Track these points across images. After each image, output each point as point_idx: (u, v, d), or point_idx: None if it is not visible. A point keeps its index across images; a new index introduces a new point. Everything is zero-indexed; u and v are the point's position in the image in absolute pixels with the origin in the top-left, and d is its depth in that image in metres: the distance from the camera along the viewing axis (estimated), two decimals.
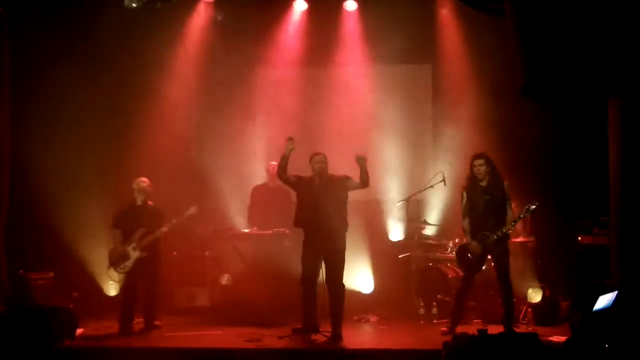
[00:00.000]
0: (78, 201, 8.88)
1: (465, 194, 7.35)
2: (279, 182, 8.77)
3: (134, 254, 7.68)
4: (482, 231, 7.15)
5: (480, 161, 7.26)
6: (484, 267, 7.39)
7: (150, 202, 7.95)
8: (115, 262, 7.73)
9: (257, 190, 9.06)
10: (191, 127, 9.63)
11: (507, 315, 7.17)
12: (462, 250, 7.34)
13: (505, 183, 7.28)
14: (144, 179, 7.94)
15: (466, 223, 7.30)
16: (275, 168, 8.81)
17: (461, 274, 7.87)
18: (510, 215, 7.17)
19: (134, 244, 7.70)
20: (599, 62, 5.17)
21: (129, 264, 7.69)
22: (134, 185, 7.90)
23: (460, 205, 7.41)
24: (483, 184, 7.27)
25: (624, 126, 5.64)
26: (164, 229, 7.77)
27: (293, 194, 7.69)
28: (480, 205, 7.22)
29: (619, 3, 5.12)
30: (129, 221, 7.80)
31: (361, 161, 7.07)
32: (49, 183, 8.71)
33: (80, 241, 8.90)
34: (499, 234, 7.12)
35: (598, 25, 5.12)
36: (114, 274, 7.78)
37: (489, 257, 7.29)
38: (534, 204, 7.11)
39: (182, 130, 9.59)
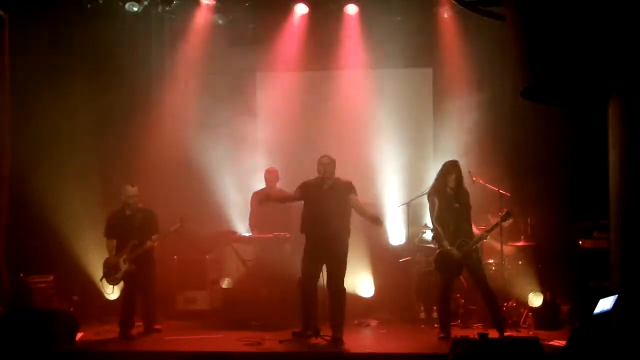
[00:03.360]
0: (78, 204, 8.86)
1: (436, 200, 7.36)
2: (277, 187, 8.81)
3: (124, 267, 7.66)
4: (458, 237, 7.21)
5: (454, 169, 7.32)
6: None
7: (141, 205, 7.89)
8: (107, 273, 7.74)
9: (257, 196, 9.05)
10: (191, 131, 9.62)
11: (497, 319, 7.21)
12: (442, 256, 7.33)
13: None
14: (134, 186, 7.85)
15: (441, 229, 7.31)
16: (273, 173, 8.84)
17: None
18: (471, 223, 7.41)
19: (124, 256, 7.68)
20: (600, 64, 5.16)
21: (118, 276, 7.68)
22: (123, 195, 7.83)
23: (431, 211, 7.42)
24: (452, 192, 7.31)
25: (623, 128, 5.64)
26: (151, 243, 7.74)
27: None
28: (451, 212, 7.29)
29: (620, 3, 5.12)
30: (121, 231, 7.79)
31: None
32: (50, 186, 8.70)
33: (80, 245, 8.87)
34: (477, 241, 7.26)
35: (599, 26, 5.12)
36: (107, 285, 7.79)
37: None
38: (507, 212, 7.39)
39: (182, 134, 9.58)
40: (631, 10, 5.09)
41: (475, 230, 7.57)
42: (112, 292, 7.93)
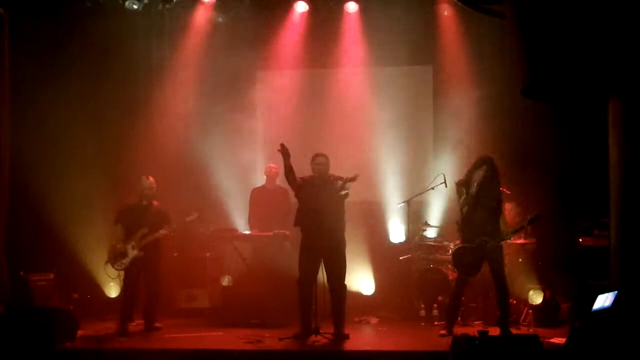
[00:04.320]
0: (79, 202, 8.87)
1: (464, 190, 7.25)
2: (277, 184, 8.82)
3: (132, 253, 7.68)
4: (479, 235, 7.15)
5: (486, 166, 7.22)
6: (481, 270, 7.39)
7: (155, 202, 7.94)
8: (113, 258, 7.73)
9: (256, 192, 9.06)
10: (192, 128, 9.63)
11: (504, 317, 7.19)
12: (460, 252, 7.30)
13: (502, 189, 7.32)
14: (150, 178, 7.92)
15: (462, 223, 7.29)
16: (273, 170, 8.85)
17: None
18: (503, 222, 7.25)
19: (133, 243, 7.70)
20: (600, 62, 5.16)
21: (125, 261, 7.68)
22: (140, 186, 7.87)
23: (458, 201, 7.33)
24: (478, 188, 7.23)
25: (624, 127, 5.63)
26: (164, 232, 7.79)
27: (292, 195, 7.69)
28: (477, 207, 7.20)
29: (619, 3, 5.12)
30: (133, 219, 7.80)
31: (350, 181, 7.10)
32: (50, 184, 8.71)
33: (80, 242, 8.89)
34: (499, 241, 7.17)
35: (598, 25, 5.11)
36: (111, 271, 7.78)
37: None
38: (536, 215, 7.22)
39: (182, 131, 9.59)
40: (630, 10, 5.08)
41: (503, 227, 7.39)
42: (115, 278, 7.91)
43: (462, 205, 7.27)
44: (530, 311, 7.78)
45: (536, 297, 7.78)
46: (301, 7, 9.66)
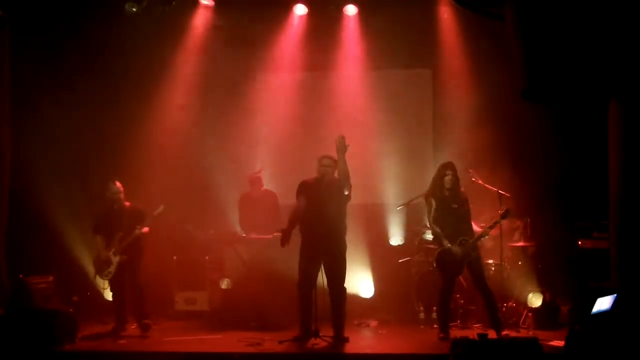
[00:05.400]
0: (79, 205, 8.88)
1: (433, 202, 7.40)
2: (263, 189, 8.82)
3: (115, 259, 7.73)
4: (458, 236, 7.28)
5: (450, 171, 7.37)
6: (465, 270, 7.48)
7: (127, 204, 7.94)
8: (99, 269, 7.78)
9: (244, 198, 9.04)
10: (191, 132, 9.62)
11: (495, 318, 7.25)
12: (443, 254, 7.37)
13: (465, 192, 7.50)
14: (113, 184, 7.89)
15: (439, 229, 7.37)
16: (258, 176, 8.82)
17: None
18: (471, 223, 7.50)
19: (114, 249, 7.72)
20: (599, 65, 5.18)
21: (112, 269, 7.73)
22: (108, 192, 7.88)
23: (428, 213, 7.48)
24: (449, 193, 7.37)
25: (624, 129, 5.65)
26: (139, 230, 7.79)
27: (280, 198, 7.69)
28: (449, 213, 7.35)
29: (619, 6, 5.14)
30: (109, 225, 7.84)
31: (341, 147, 7.07)
32: (50, 186, 8.72)
33: (80, 245, 8.90)
34: (478, 238, 7.35)
35: (598, 28, 5.13)
36: (101, 281, 7.83)
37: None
38: (507, 210, 7.47)
39: (182, 135, 9.60)
40: (630, 13, 5.10)
41: (476, 228, 7.61)
42: (107, 288, 7.95)
43: (433, 216, 7.40)
44: (530, 314, 7.77)
45: (536, 300, 7.80)
46: (300, 10, 9.66)
